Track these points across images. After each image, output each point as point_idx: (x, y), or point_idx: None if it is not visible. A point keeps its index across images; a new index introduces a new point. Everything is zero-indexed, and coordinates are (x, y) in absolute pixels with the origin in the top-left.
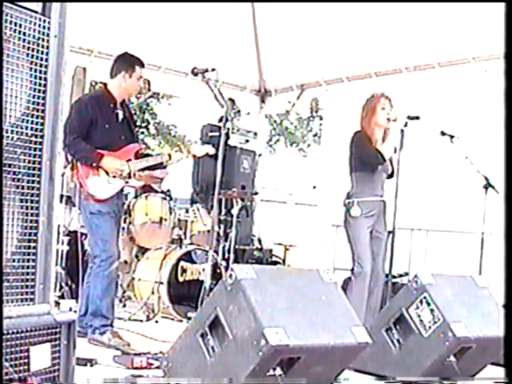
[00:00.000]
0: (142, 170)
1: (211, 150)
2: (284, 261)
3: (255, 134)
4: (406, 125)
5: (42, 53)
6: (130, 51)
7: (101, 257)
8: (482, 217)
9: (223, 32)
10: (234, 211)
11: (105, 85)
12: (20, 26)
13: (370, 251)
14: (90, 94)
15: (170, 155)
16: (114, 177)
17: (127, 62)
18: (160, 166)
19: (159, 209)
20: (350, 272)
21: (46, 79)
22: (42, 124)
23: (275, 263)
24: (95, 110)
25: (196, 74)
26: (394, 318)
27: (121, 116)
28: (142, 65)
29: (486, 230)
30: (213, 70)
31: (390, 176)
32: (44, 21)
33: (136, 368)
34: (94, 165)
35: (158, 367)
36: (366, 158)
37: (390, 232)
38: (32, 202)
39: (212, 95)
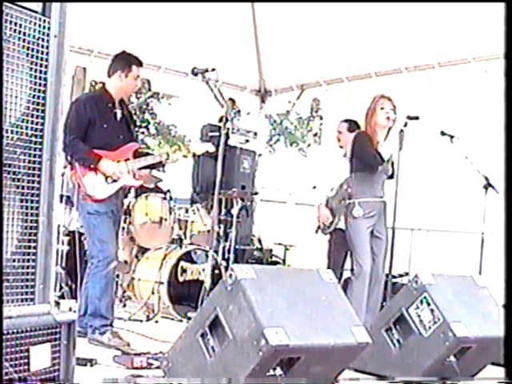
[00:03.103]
0: (141, 169)
1: (211, 148)
2: (284, 261)
3: (255, 133)
4: (405, 125)
5: (42, 53)
6: (129, 51)
7: (98, 257)
8: (482, 217)
9: (223, 32)
10: (234, 211)
11: (103, 84)
12: (20, 26)
13: (370, 251)
14: (88, 93)
15: (168, 154)
16: (113, 180)
17: (124, 61)
18: (159, 165)
19: (159, 209)
20: (350, 272)
21: (45, 79)
22: (42, 124)
23: (275, 263)
24: (93, 110)
25: (196, 74)
26: (394, 318)
27: (119, 115)
28: (139, 64)
29: (486, 230)
30: (213, 69)
31: (391, 177)
32: (44, 21)
33: (136, 368)
34: (92, 166)
35: (158, 367)
36: (365, 159)
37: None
38: (32, 201)
39: (212, 95)
